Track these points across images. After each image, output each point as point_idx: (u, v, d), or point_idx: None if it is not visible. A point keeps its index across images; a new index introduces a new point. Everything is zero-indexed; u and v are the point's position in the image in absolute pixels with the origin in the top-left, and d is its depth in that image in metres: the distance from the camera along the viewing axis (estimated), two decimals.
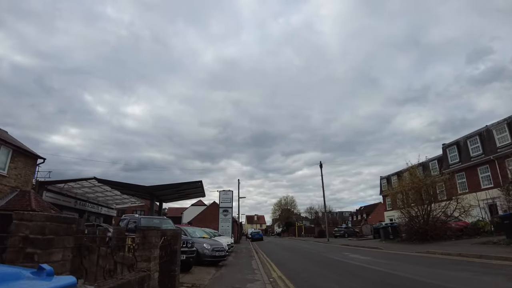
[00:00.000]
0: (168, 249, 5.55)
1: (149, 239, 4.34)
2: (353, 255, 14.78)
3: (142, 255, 4.28)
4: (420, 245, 17.69)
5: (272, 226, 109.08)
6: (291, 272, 10.01)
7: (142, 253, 4.28)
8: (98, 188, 26.32)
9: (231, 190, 28.77)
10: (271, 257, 16.18)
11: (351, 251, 17.51)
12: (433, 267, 9.17)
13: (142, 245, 4.31)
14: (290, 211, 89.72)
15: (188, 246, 9.60)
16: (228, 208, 27.73)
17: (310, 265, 11.66)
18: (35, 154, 14.30)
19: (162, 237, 5.35)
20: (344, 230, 41.21)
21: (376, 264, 10.94)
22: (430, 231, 18.62)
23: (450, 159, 30.87)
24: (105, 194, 29.82)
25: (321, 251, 18.67)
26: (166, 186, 20.80)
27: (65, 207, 25.74)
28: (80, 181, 23.06)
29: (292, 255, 16.98)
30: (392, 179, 44.66)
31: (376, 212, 73.70)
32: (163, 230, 5.84)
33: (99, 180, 21.60)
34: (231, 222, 27.25)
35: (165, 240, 5.33)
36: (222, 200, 28.31)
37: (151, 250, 4.30)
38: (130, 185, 21.00)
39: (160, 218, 11.43)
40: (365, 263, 11.31)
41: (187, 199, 31.33)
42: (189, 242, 9.71)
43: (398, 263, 10.96)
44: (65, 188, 24.82)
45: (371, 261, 12.06)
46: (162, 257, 5.12)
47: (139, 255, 4.28)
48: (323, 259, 13.75)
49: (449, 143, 31.80)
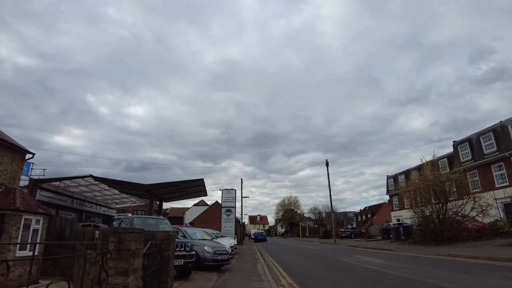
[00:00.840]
0: (158, 257, 4.47)
1: (127, 245, 3.25)
2: (367, 258, 13.64)
3: (117, 266, 3.19)
4: (436, 247, 16.52)
5: (275, 226, 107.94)
6: (302, 278, 8.90)
7: (117, 263, 3.20)
8: (96, 187, 25.30)
9: (234, 189, 27.59)
10: (278, 260, 15.07)
11: (362, 253, 16.36)
12: (466, 273, 8.01)
13: (117, 254, 3.22)
14: (294, 211, 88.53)
15: (187, 250, 8.53)
16: (231, 208, 26.55)
17: (322, 270, 10.54)
18: (23, 149, 13.32)
19: (149, 241, 4.26)
20: (351, 230, 39.99)
21: (395, 268, 9.81)
22: (447, 232, 17.43)
23: (462, 157, 29.56)
24: (103, 194, 28.80)
25: (330, 253, 17.53)
26: (166, 184, 19.75)
27: (61, 207, 24.78)
28: (76, 179, 22.03)
29: (300, 257, 15.86)
30: (399, 178, 43.41)
31: (381, 213, 72.38)
32: (150, 233, 4.76)
33: (95, 178, 20.57)
34: (234, 223, 26.07)
35: (153, 246, 4.25)
36: (225, 200, 27.14)
37: (129, 259, 3.21)
38: (128, 183, 19.98)
39: (157, 218, 10.38)
40: (382, 267, 10.19)
41: (188, 198, 30.31)
42: (188, 245, 8.63)
43: (420, 267, 9.83)
44: (61, 186, 23.82)
45: (389, 265, 10.93)
46: (148, 267, 4.04)
47: (112, 266, 3.20)
48: (335, 263, 12.62)
49: (460, 140, 30.51)
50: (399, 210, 43.93)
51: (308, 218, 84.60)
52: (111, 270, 3.18)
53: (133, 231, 3.32)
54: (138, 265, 3.39)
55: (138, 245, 3.40)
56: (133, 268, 3.26)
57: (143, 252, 3.59)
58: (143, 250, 3.77)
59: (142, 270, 3.77)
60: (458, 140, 30.67)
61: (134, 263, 3.29)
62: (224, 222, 26.04)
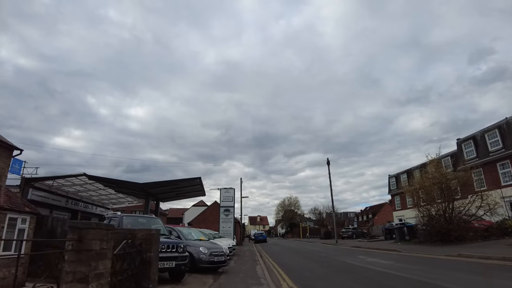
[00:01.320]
0: (137, 259, 3.78)
1: (88, 244, 2.57)
2: (372, 259, 12.96)
3: (75, 271, 2.51)
4: (443, 247, 15.84)
5: (275, 227, 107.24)
6: (305, 281, 8.21)
7: (75, 267, 2.52)
8: (91, 186, 24.60)
9: (233, 188, 26.74)
10: (278, 261, 14.37)
11: (366, 254, 15.67)
12: (484, 275, 7.33)
13: (75, 255, 2.54)
14: (294, 212, 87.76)
15: (179, 251, 7.84)
16: (230, 208, 25.75)
17: (326, 272, 9.84)
18: (11, 145, 12.66)
19: (127, 240, 3.58)
20: (352, 231, 39.25)
21: (404, 270, 9.13)
22: (454, 232, 16.74)
23: (466, 155, 28.90)
24: (99, 193, 28.10)
25: (333, 254, 16.83)
26: (162, 183, 19.06)
27: (55, 207, 24.09)
28: (69, 178, 21.35)
29: (301, 259, 15.16)
30: (402, 177, 42.71)
31: (382, 213, 71.63)
32: (129, 231, 4.08)
33: (89, 176, 19.88)
34: (233, 223, 25.26)
35: (130, 246, 3.57)
36: (223, 199, 26.33)
37: (90, 262, 2.53)
38: (123, 182, 19.29)
39: (148, 217, 9.69)
40: (390, 269, 9.50)
41: (186, 198, 29.54)
42: (181, 245, 7.94)
43: (433, 269, 9.15)
44: (54, 186, 23.13)
45: (397, 266, 10.26)
46: (122, 271, 3.35)
47: (70, 271, 2.52)
48: (338, 264, 11.93)
49: (464, 137, 29.80)
50: (401, 210, 43.21)
51: (308, 218, 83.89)
52: (67, 276, 2.50)
53: (96, 227, 2.63)
54: (105, 270, 2.71)
55: (104, 244, 2.71)
56: (96, 274, 2.58)
57: (112, 253, 2.90)
58: (114, 250, 3.09)
59: (114, 275, 3.08)
60: (462, 137, 29.99)
61: (98, 266, 2.61)
62: (223, 222, 25.25)
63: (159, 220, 9.51)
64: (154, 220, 9.44)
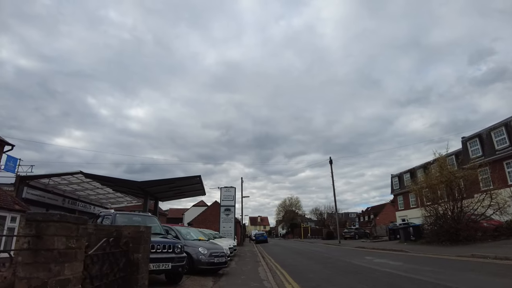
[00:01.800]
0: (121, 260, 3.20)
1: (49, 241, 1.99)
2: (379, 260, 12.36)
3: (30, 277, 1.94)
4: (451, 247, 15.25)
5: (276, 227, 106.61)
6: (311, 284, 7.63)
7: (30, 272, 1.94)
8: (88, 185, 24.08)
9: (233, 187, 26.06)
10: (281, 262, 13.79)
11: (372, 254, 15.06)
12: (501, 277, 6.74)
13: (31, 255, 1.97)
14: (295, 212, 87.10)
15: (176, 251, 7.26)
16: (231, 207, 25.11)
17: (332, 274, 9.26)
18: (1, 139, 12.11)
19: (107, 238, 2.99)
20: (355, 231, 38.61)
21: (414, 271, 8.57)
22: (463, 231, 16.13)
23: (471, 153, 28.32)
24: (96, 192, 27.58)
25: (337, 255, 16.23)
26: (160, 181, 18.50)
27: (51, 206, 23.56)
28: (65, 176, 20.82)
29: (305, 260, 14.56)
30: (405, 177, 42.12)
31: (384, 213, 70.95)
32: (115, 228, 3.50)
33: (86, 174, 19.31)
34: (233, 223, 24.63)
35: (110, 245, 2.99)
36: (224, 198, 25.68)
37: (51, 266, 1.95)
38: (120, 180, 18.73)
39: (144, 215, 9.11)
40: (399, 270, 8.93)
41: (186, 197, 28.99)
42: (178, 246, 7.36)
43: (442, 270, 8.58)
44: (50, 184, 22.61)
45: (406, 267, 9.68)
46: (101, 276, 2.77)
47: (24, 277, 1.94)
48: (344, 265, 11.34)
49: (470, 135, 29.23)
50: (404, 210, 42.56)
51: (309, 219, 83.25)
52: (21, 284, 1.93)
53: (60, 219, 2.05)
54: (73, 275, 2.12)
55: (72, 243, 2.13)
56: (60, 280, 2.00)
57: (84, 253, 2.32)
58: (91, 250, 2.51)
59: (90, 281, 2.50)
60: (468, 135, 29.39)
61: (63, 271, 2.03)
62: (223, 222, 24.60)
63: (155, 219, 8.93)
64: (150, 218, 8.86)
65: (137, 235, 3.48)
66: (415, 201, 40.30)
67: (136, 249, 3.42)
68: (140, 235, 3.50)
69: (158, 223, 8.79)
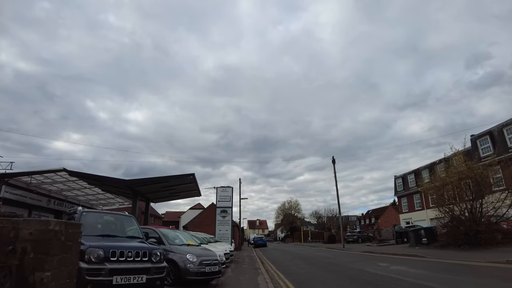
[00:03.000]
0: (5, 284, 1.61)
1: None
2: (395, 267, 10.80)
3: None
4: (472, 251, 13.74)
5: (275, 231, 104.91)
6: None
7: None
8: (75, 184, 22.40)
9: (230, 187, 24.16)
10: (283, 270, 12.18)
11: (385, 260, 13.47)
12: None
13: None
14: (294, 215, 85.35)
15: (154, 260, 5.68)
16: (227, 208, 23.32)
17: (345, 285, 7.68)
18: None
19: None
20: (358, 234, 36.99)
21: (447, 282, 7.07)
22: (484, 234, 14.60)
23: (482, 152, 26.90)
24: (85, 193, 25.89)
25: (345, 260, 14.64)
26: (150, 180, 16.92)
27: (35, 207, 21.89)
28: (47, 173, 19.14)
29: (310, 267, 12.95)
30: (409, 178, 40.68)
31: (386, 216, 69.40)
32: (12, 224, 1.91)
33: (70, 172, 17.70)
34: (230, 225, 22.87)
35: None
36: (220, 199, 23.78)
37: None
38: (106, 178, 17.13)
39: (120, 215, 7.51)
40: (427, 281, 7.41)
41: (180, 198, 27.34)
42: (156, 253, 5.78)
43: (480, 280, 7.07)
44: (33, 183, 20.93)
45: (433, 276, 8.17)
46: None
47: None
48: (359, 274, 9.75)
49: (480, 133, 27.80)
50: (409, 212, 41.00)
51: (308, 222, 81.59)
52: None
53: None
54: None
55: None
56: None
57: None
58: None
59: None
60: (477, 133, 27.95)
61: None
62: (219, 225, 22.79)
63: (133, 219, 7.33)
64: (126, 218, 7.28)
65: (44, 239, 1.92)
66: (420, 203, 38.80)
67: (39, 263, 1.86)
68: (50, 237, 1.93)
69: (136, 224, 7.21)
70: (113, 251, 5.28)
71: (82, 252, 5.17)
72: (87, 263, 5.06)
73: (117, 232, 6.55)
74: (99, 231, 6.40)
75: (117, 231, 6.64)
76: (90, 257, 5.11)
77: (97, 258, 5.13)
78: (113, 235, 6.31)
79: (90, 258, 5.10)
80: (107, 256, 5.21)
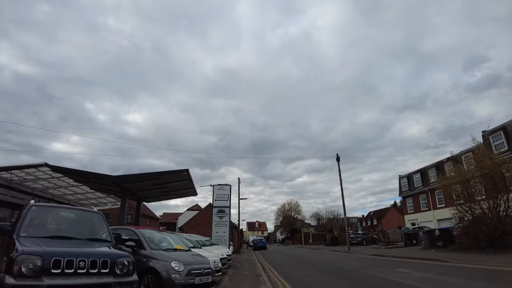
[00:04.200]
0: None
1: None
2: (420, 274, 9.24)
3: None
4: (498, 254, 12.21)
5: (274, 233, 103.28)
6: None
7: None
8: (61, 182, 20.76)
9: (228, 184, 22.39)
10: (288, 277, 10.58)
11: (403, 265, 11.88)
12: None
13: None
14: (294, 217, 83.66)
15: (120, 272, 4.09)
16: (225, 208, 21.41)
17: None
18: None
19: None
20: (362, 236, 35.43)
21: None
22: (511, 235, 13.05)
23: (495, 148, 25.39)
24: (73, 191, 24.27)
25: (358, 266, 13.04)
26: (139, 176, 15.34)
27: (18, 206, 20.13)
28: (28, 169, 17.53)
29: (320, 273, 11.35)
30: (414, 177, 39.20)
31: (388, 217, 67.87)
32: None
33: (52, 167, 16.07)
34: (228, 227, 21.12)
35: None
36: (217, 198, 21.82)
37: None
38: (91, 174, 15.53)
39: (81, 210, 5.93)
40: None
41: (175, 197, 25.69)
42: (122, 262, 4.20)
43: None
44: (14, 180, 19.30)
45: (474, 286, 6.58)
46: None
47: None
48: (379, 284, 8.18)
49: (492, 128, 26.30)
50: (414, 213, 39.43)
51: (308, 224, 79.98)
52: None
53: None
54: None
55: None
56: None
57: None
58: None
59: None
60: (490, 129, 26.43)
61: None
62: (216, 226, 20.98)
63: (100, 216, 5.74)
64: (92, 216, 5.69)
65: None
66: (426, 203, 37.20)
67: None
68: None
69: (104, 223, 5.60)
70: (57, 259, 3.72)
71: (11, 261, 3.58)
72: (15, 277, 3.48)
73: (76, 233, 4.97)
74: (51, 231, 4.83)
75: (76, 231, 5.05)
76: (21, 268, 3.53)
77: (31, 270, 3.56)
78: (69, 236, 4.73)
79: (21, 270, 3.51)
80: (47, 267, 3.64)
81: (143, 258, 6.52)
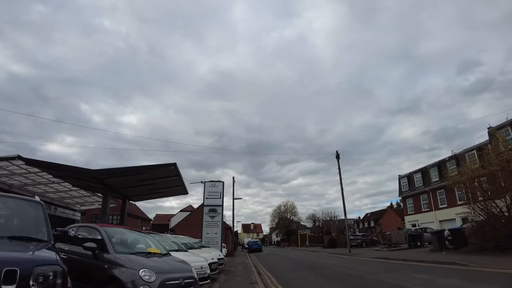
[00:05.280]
0: None
1: None
2: (445, 281, 7.89)
3: None
4: None
5: (270, 235, 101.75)
6: None
7: None
8: (39, 177, 19.02)
9: (221, 181, 20.38)
10: (288, 284, 9.11)
11: (418, 270, 10.48)
12: None
13: None
14: (290, 219, 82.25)
15: (35, 283, 2.57)
16: (217, 207, 19.34)
17: None
18: None
19: None
20: (361, 238, 34.07)
21: None
22: None
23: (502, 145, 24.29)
24: (55, 189, 22.49)
25: (365, 270, 11.62)
26: (121, 170, 13.79)
27: None
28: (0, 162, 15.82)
29: (323, 280, 9.90)
30: (415, 177, 38.11)
31: (386, 219, 66.88)
32: None
33: (26, 160, 14.40)
34: (220, 228, 19.33)
35: None
36: (208, 195, 19.76)
37: None
38: (68, 167, 13.92)
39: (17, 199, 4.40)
40: None
41: (164, 196, 24.06)
42: (43, 272, 2.68)
43: None
44: None
45: None
46: None
47: None
48: None
49: (499, 124, 25.18)
50: (415, 214, 38.27)
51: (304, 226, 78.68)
52: None
53: None
54: None
55: None
56: None
57: None
58: None
59: None
60: (498, 124, 25.29)
61: None
62: (207, 227, 19.12)
63: (39, 207, 4.23)
64: (24, 205, 4.19)
65: None
66: (427, 203, 36.00)
67: None
68: None
69: (43, 217, 4.09)
70: None
71: None
72: None
73: None
74: None
75: None
76: None
77: None
78: None
79: None
80: None
81: (104, 264, 5.04)
